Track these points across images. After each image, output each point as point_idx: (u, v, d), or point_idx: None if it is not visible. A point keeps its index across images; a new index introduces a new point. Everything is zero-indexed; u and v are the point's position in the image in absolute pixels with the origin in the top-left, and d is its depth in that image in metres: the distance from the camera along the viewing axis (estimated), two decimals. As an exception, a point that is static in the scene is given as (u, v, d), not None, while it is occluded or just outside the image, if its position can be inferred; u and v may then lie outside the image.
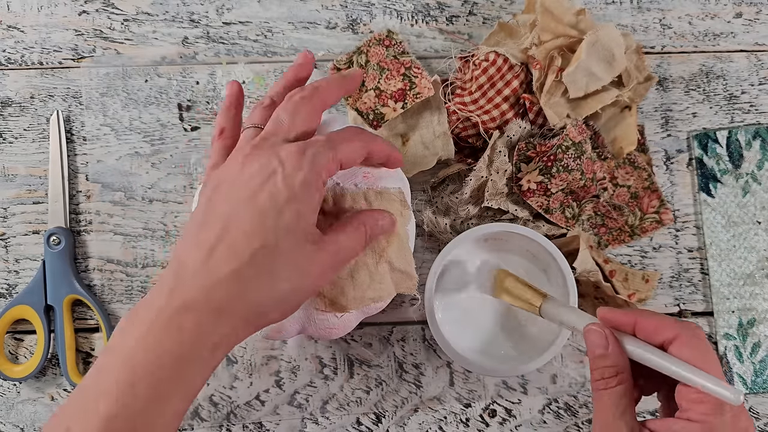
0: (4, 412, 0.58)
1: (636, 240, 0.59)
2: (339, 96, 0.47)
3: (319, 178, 0.41)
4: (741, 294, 0.58)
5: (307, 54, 0.50)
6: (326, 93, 0.45)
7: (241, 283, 0.39)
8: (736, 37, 0.61)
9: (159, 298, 0.39)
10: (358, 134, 0.44)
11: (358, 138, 0.44)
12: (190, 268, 0.40)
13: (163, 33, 0.60)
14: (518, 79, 0.57)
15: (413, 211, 0.52)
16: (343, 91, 0.47)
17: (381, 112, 0.57)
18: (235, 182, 0.41)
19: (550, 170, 0.55)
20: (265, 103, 0.47)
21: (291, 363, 0.58)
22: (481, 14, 0.61)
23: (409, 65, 0.58)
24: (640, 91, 0.59)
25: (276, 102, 0.47)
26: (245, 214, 0.40)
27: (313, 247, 0.41)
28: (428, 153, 0.57)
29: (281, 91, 0.48)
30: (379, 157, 0.46)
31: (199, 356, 0.39)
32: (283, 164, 0.41)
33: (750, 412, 0.58)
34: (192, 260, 0.40)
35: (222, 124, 0.48)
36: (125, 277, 0.59)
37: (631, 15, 0.61)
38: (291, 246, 0.40)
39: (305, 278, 0.41)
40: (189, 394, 0.39)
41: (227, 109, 0.49)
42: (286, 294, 0.41)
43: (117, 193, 0.59)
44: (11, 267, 0.59)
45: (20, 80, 0.60)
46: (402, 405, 0.58)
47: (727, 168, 0.59)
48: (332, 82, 0.46)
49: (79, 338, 0.58)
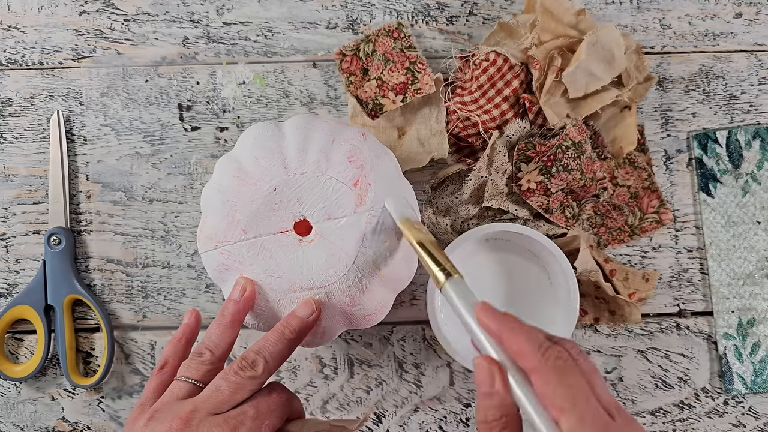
0: (5, 411, 0.58)
1: (636, 240, 0.59)
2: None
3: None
4: (741, 294, 0.58)
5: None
6: (271, 369, 0.43)
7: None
8: (736, 37, 0.61)
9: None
10: (282, 398, 0.42)
11: (283, 404, 0.42)
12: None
13: (164, 33, 0.60)
14: (518, 79, 0.57)
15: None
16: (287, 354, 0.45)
17: (380, 102, 0.57)
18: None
19: (550, 170, 0.55)
20: (204, 358, 0.43)
21: (291, 363, 0.58)
22: (481, 14, 0.61)
23: (415, 60, 0.58)
24: (640, 91, 0.59)
25: (216, 354, 0.44)
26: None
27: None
28: (422, 150, 0.58)
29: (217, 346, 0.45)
30: (293, 416, 0.44)
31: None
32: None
33: (750, 412, 0.58)
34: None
35: (167, 356, 0.45)
36: (125, 277, 0.59)
37: (631, 15, 0.61)
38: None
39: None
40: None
41: (177, 341, 0.46)
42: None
43: (117, 193, 0.59)
44: (11, 267, 0.59)
45: (20, 80, 0.60)
46: (402, 405, 0.58)
47: (727, 168, 0.59)
48: (277, 351, 0.43)
49: (80, 338, 0.58)
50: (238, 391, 0.41)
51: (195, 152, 0.60)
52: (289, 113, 0.60)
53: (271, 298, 0.48)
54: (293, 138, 0.48)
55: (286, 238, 0.48)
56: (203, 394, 0.40)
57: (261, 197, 0.47)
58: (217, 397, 0.40)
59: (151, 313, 0.59)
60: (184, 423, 0.38)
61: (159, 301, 0.59)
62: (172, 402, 0.41)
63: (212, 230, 0.48)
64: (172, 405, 0.40)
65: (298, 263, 0.47)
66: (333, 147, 0.48)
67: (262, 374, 0.42)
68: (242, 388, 0.41)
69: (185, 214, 0.59)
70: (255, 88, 0.60)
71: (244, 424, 0.39)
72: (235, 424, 0.39)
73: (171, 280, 0.59)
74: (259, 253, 0.47)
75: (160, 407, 0.40)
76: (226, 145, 0.60)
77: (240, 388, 0.41)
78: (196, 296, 0.59)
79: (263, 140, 0.48)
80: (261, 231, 0.47)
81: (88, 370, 0.58)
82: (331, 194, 0.47)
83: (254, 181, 0.47)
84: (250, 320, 0.49)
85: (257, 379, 0.42)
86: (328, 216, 0.47)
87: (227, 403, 0.40)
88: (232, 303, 0.46)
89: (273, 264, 0.47)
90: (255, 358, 0.42)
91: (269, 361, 0.42)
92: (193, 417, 0.39)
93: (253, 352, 0.43)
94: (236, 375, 0.41)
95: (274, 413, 0.41)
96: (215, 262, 0.48)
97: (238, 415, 0.40)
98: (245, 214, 0.47)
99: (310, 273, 0.47)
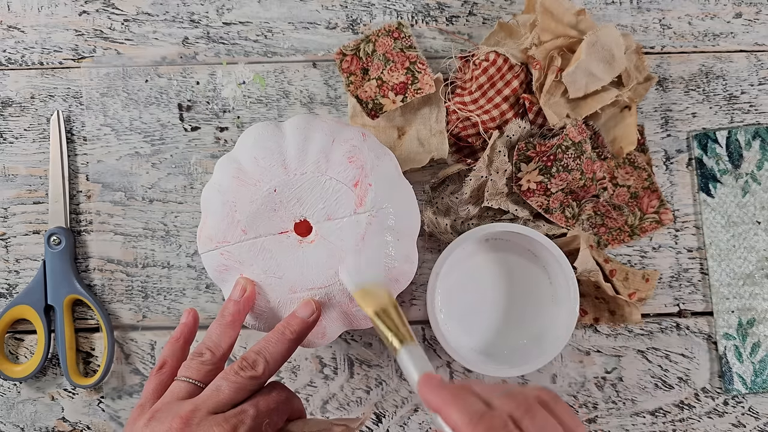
0: (5, 411, 0.58)
1: (636, 240, 0.59)
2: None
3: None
4: (741, 294, 0.58)
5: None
6: (272, 369, 0.43)
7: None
8: (736, 37, 0.61)
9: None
10: (283, 397, 0.42)
11: (283, 403, 0.42)
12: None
13: (164, 33, 0.60)
14: (518, 79, 0.57)
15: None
16: (287, 354, 0.44)
17: (380, 102, 0.57)
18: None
19: (549, 170, 0.55)
20: (205, 358, 0.44)
21: (291, 363, 0.58)
22: (481, 14, 0.61)
23: (415, 60, 0.58)
24: (640, 91, 0.59)
25: (216, 355, 0.44)
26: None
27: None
28: (422, 150, 0.58)
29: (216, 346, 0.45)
30: (293, 415, 0.44)
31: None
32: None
33: (750, 412, 0.58)
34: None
35: (165, 357, 0.45)
36: (125, 277, 0.59)
37: (630, 15, 0.61)
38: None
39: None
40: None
41: (175, 341, 0.46)
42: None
43: (117, 193, 0.59)
44: (11, 267, 0.59)
45: (20, 80, 0.60)
46: (402, 405, 0.58)
47: (727, 168, 0.59)
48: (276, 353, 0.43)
49: (80, 338, 0.58)
50: (239, 391, 0.41)
51: (195, 152, 0.60)
52: (289, 113, 0.60)
53: (271, 298, 0.48)
54: (293, 138, 0.48)
55: (286, 238, 0.48)
56: (204, 394, 0.40)
57: (261, 198, 0.47)
58: (218, 397, 0.40)
59: (151, 313, 0.59)
60: (184, 422, 0.38)
61: (159, 301, 0.59)
62: (173, 402, 0.40)
63: (212, 230, 0.48)
64: (173, 405, 0.40)
65: (298, 264, 0.47)
66: (333, 147, 0.48)
67: (262, 374, 0.42)
68: (243, 388, 0.41)
69: (185, 214, 0.59)
70: (255, 88, 0.60)
71: (244, 422, 0.39)
72: (236, 423, 0.39)
73: (171, 280, 0.59)
74: (259, 253, 0.47)
75: (160, 407, 0.40)
76: (226, 145, 0.60)
77: (241, 388, 0.41)
78: (196, 296, 0.59)
79: (263, 140, 0.48)
80: (261, 231, 0.47)
81: (88, 370, 0.58)
82: (331, 195, 0.47)
83: (254, 181, 0.47)
84: (251, 321, 0.49)
85: (258, 379, 0.42)
86: (328, 216, 0.47)
87: (228, 403, 0.40)
88: (232, 303, 0.46)
89: (273, 264, 0.47)
90: (256, 359, 0.42)
91: (270, 361, 0.42)
92: (193, 416, 0.39)
93: (253, 353, 0.43)
94: (237, 375, 0.41)
95: (274, 412, 0.41)
96: (215, 263, 0.48)
97: (238, 414, 0.40)
98: (245, 215, 0.47)
99: (310, 273, 0.47)
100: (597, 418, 0.58)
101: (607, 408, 0.58)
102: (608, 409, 0.58)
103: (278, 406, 0.41)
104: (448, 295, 0.55)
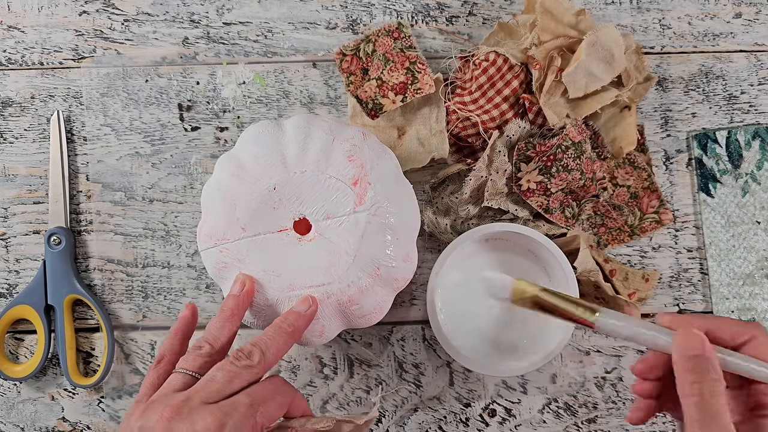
0: (5, 411, 0.58)
1: (636, 240, 0.59)
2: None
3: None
4: (740, 294, 0.58)
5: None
6: (268, 361, 0.43)
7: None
8: (736, 37, 0.61)
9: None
10: (280, 389, 0.42)
11: (280, 395, 0.42)
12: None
13: (164, 33, 0.61)
14: (518, 79, 0.57)
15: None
16: (285, 348, 0.45)
17: (380, 102, 0.58)
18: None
19: (549, 170, 0.55)
20: (203, 350, 0.44)
21: (291, 363, 0.58)
22: (481, 14, 0.61)
23: (415, 60, 0.58)
24: (640, 91, 0.59)
25: (215, 347, 0.44)
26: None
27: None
28: (422, 150, 0.58)
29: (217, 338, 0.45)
30: (295, 412, 0.44)
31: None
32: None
33: (750, 411, 0.58)
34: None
35: (163, 351, 0.45)
36: (125, 277, 0.59)
37: (630, 15, 0.61)
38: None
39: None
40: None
41: (174, 335, 0.46)
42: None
43: (117, 193, 0.59)
44: (11, 267, 0.59)
45: (21, 80, 0.60)
46: (402, 405, 0.58)
47: (727, 168, 0.59)
48: (276, 343, 0.44)
49: (80, 338, 0.58)
50: (233, 380, 0.40)
51: (195, 152, 0.60)
52: (289, 113, 0.60)
53: (270, 296, 0.48)
54: (293, 136, 0.48)
55: (285, 236, 0.48)
56: (198, 384, 0.40)
57: (260, 195, 0.47)
58: (211, 387, 0.40)
59: (151, 313, 0.59)
60: (175, 411, 0.38)
61: (159, 301, 0.59)
62: (168, 393, 0.40)
63: (212, 228, 0.48)
64: (168, 396, 0.40)
65: (297, 262, 0.47)
66: (333, 146, 0.48)
67: (257, 364, 0.42)
68: (237, 376, 0.41)
69: (185, 214, 0.59)
70: (255, 88, 0.60)
71: (237, 410, 0.39)
72: (228, 410, 0.39)
73: (171, 280, 0.59)
74: (258, 251, 0.47)
75: (156, 399, 0.40)
76: (226, 145, 0.60)
77: (235, 376, 0.41)
78: (196, 296, 0.59)
79: (263, 139, 0.48)
80: (260, 229, 0.47)
81: (88, 370, 0.58)
82: (331, 193, 0.47)
83: (254, 179, 0.47)
84: (250, 318, 0.49)
85: (253, 368, 0.41)
86: (327, 215, 0.47)
87: (221, 392, 0.40)
88: (231, 298, 0.46)
89: (272, 262, 0.47)
90: (251, 349, 0.42)
91: (266, 352, 0.42)
92: (185, 405, 0.39)
93: (249, 344, 0.43)
94: (231, 364, 0.41)
95: (270, 402, 0.41)
96: (215, 260, 0.48)
97: (231, 403, 0.39)
98: (245, 213, 0.47)
99: (309, 272, 0.47)
100: (597, 418, 0.58)
101: (607, 408, 0.58)
102: (608, 409, 0.58)
103: (274, 397, 0.41)
104: (448, 295, 0.55)
